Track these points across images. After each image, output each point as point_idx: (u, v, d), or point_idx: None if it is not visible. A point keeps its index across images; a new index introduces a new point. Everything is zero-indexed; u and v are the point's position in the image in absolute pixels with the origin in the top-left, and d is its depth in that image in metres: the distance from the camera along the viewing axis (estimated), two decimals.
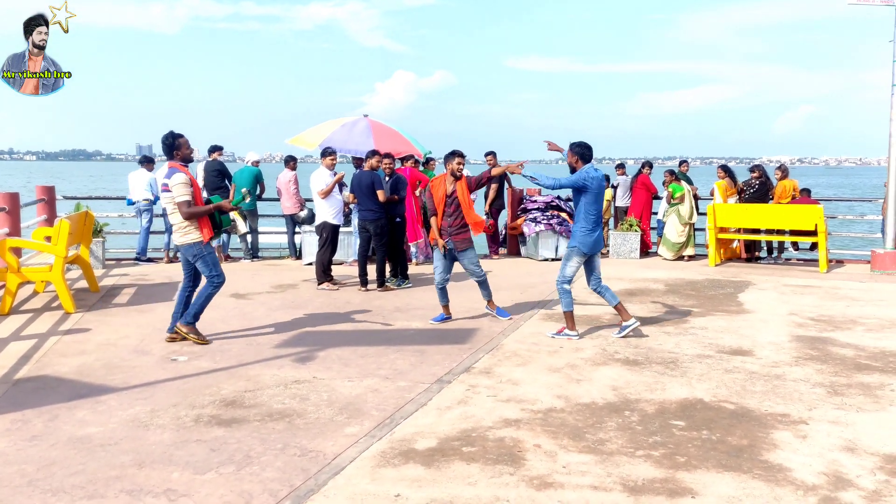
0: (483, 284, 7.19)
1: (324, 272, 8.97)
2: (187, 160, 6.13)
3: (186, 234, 6.01)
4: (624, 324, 6.46)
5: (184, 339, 6.20)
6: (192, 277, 6.31)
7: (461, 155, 7.07)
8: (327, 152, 9.16)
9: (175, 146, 6.05)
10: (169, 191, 5.95)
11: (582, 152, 6.44)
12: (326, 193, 8.89)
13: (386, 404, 4.70)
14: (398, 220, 9.20)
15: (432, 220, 7.15)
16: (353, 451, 3.94)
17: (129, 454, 3.89)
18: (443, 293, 7.18)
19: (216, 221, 6.19)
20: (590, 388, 5.04)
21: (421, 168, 10.84)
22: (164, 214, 11.28)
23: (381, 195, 8.70)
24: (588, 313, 7.52)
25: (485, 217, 11.94)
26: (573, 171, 6.47)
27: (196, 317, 6.17)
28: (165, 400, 4.77)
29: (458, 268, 6.90)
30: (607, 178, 13.27)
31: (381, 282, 8.92)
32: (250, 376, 5.30)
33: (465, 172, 7.19)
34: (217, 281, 6.13)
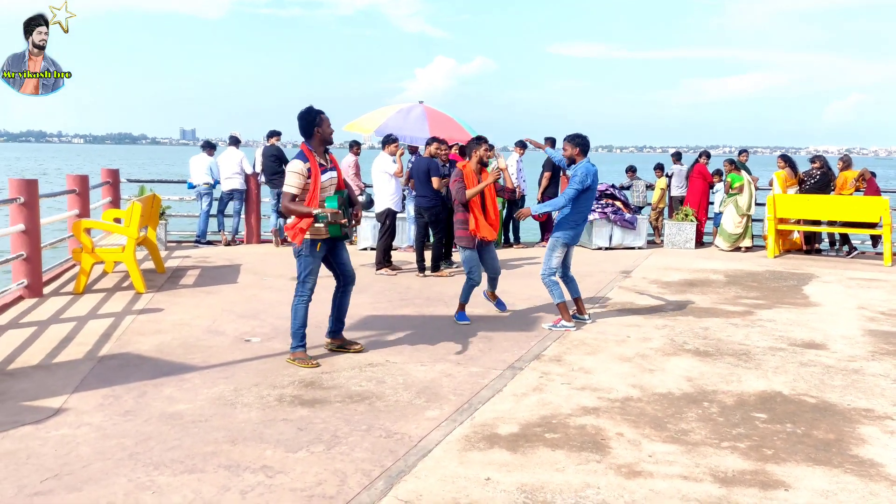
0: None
1: (384, 258, 9.07)
2: (327, 141, 5.31)
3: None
4: (562, 322, 6.33)
5: (340, 347, 5.61)
6: (335, 276, 5.60)
7: (486, 141, 7.09)
8: (390, 139, 9.22)
9: (316, 123, 5.23)
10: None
11: (582, 143, 6.44)
12: (400, 174, 9.19)
13: (462, 389, 4.75)
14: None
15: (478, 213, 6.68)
16: (437, 434, 4.00)
17: (221, 431, 4.00)
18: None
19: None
20: (664, 379, 5.02)
21: None
22: (221, 198, 11.53)
23: (435, 182, 8.72)
24: (649, 304, 7.48)
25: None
26: (572, 163, 6.50)
27: (297, 336, 5.36)
28: (246, 379, 4.89)
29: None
30: (661, 166, 13.13)
31: (436, 266, 9.00)
32: (324, 358, 5.39)
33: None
34: (299, 290, 5.35)
